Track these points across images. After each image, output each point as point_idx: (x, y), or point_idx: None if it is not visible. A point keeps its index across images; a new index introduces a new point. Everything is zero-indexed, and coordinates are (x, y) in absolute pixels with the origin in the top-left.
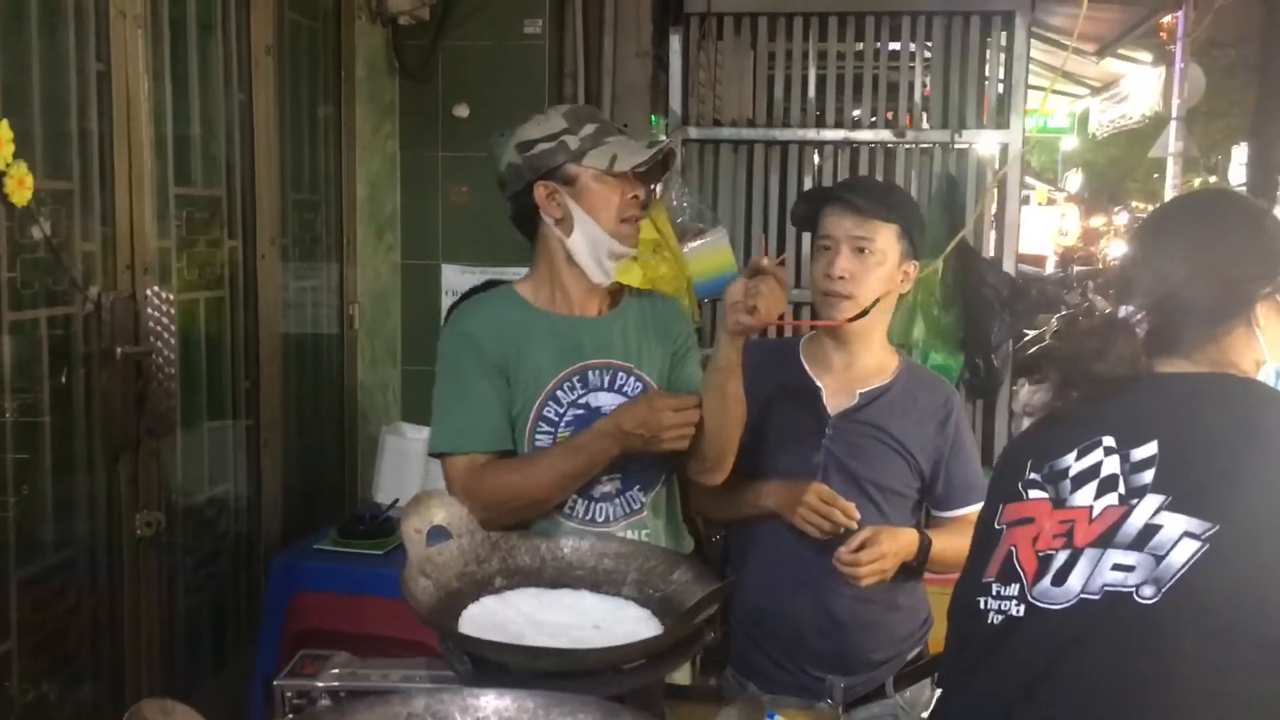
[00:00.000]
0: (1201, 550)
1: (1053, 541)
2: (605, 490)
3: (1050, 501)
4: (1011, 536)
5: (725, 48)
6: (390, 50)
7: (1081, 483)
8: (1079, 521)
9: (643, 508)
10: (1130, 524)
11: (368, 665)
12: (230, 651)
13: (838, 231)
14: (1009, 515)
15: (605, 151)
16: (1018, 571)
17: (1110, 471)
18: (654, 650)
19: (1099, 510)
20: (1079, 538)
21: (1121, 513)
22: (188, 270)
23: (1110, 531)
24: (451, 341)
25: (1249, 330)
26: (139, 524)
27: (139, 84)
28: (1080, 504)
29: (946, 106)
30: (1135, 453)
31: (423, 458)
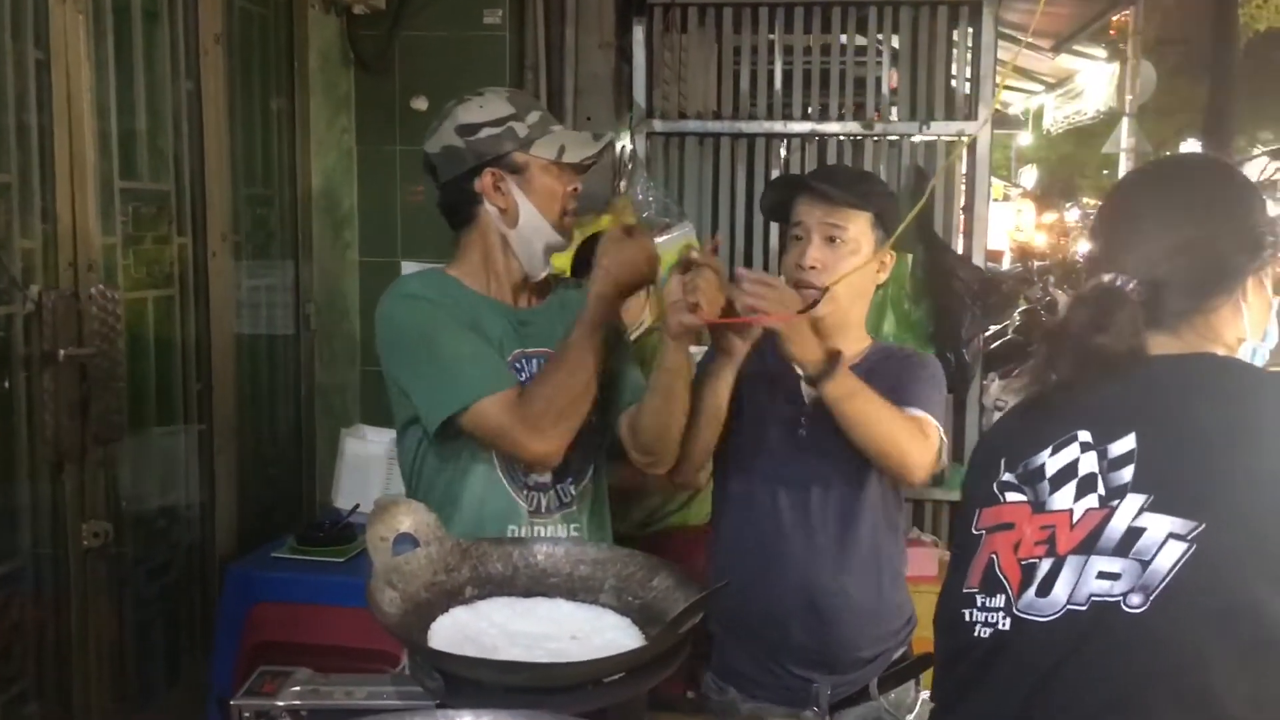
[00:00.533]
0: (1189, 552)
1: (1035, 549)
2: (541, 480)
3: (1029, 505)
4: (991, 543)
5: (689, 39)
6: (345, 41)
7: (1060, 483)
8: (1060, 527)
9: (573, 501)
10: (1112, 528)
11: (331, 682)
12: (184, 666)
13: (809, 220)
14: (987, 520)
15: (553, 141)
16: (1002, 581)
17: (1088, 470)
18: (637, 662)
19: (1080, 514)
20: (1061, 544)
21: (1103, 516)
22: (134, 268)
23: (1093, 536)
24: (410, 309)
25: (1236, 305)
26: (86, 534)
27: (80, 73)
28: (1060, 507)
29: (914, 98)
30: (1113, 448)
31: (385, 461)
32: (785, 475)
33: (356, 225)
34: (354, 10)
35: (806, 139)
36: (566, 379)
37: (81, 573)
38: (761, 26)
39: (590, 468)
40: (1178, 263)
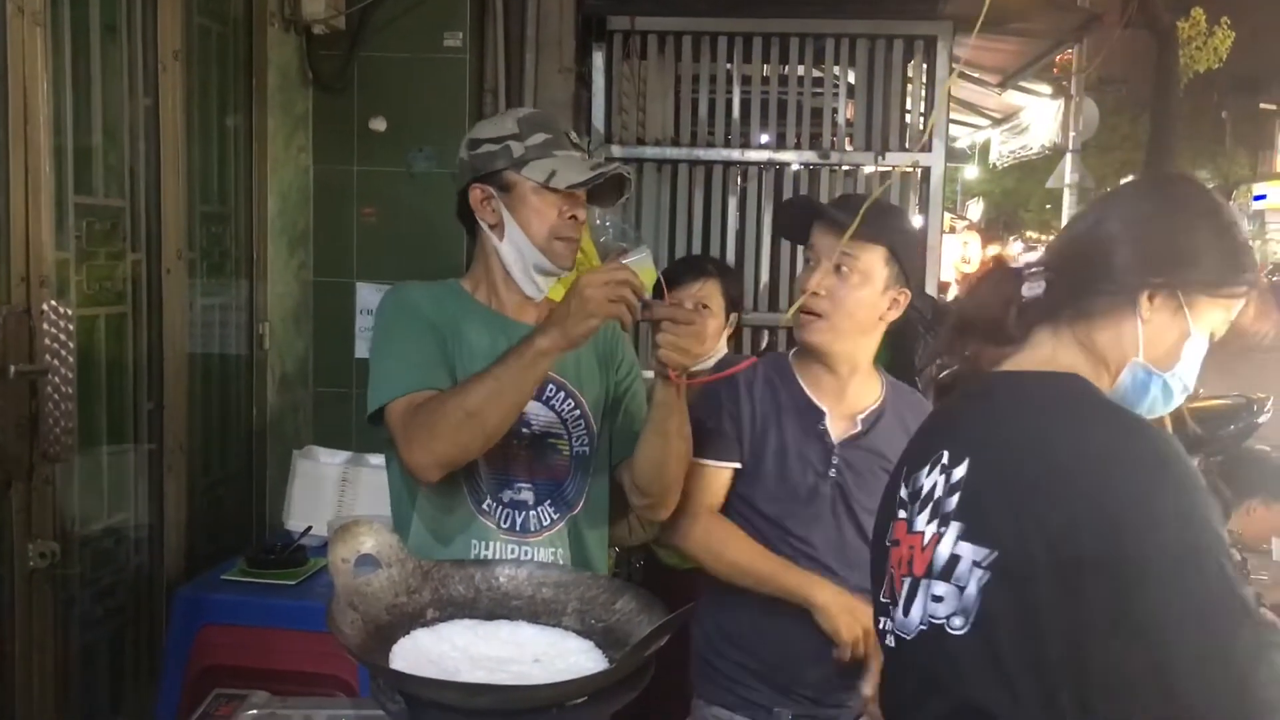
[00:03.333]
0: (985, 579)
1: (905, 568)
2: (519, 499)
3: (906, 524)
4: (891, 557)
5: (649, 66)
6: (304, 60)
7: (923, 505)
8: (917, 549)
9: (553, 524)
10: (939, 553)
11: (289, 705)
12: (130, 690)
13: (820, 245)
14: (891, 533)
15: (546, 165)
16: (894, 595)
17: (938, 494)
18: (602, 685)
19: (928, 537)
20: (917, 566)
21: (935, 540)
22: (87, 284)
23: (931, 561)
24: (391, 307)
25: (1123, 317)
26: (32, 555)
27: (37, 87)
28: (919, 529)
29: (870, 129)
30: (955, 473)
31: (337, 483)
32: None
33: (312, 245)
34: (313, 30)
35: (764, 167)
36: (463, 399)
37: (26, 594)
38: (720, 55)
39: (583, 497)
40: (1070, 252)
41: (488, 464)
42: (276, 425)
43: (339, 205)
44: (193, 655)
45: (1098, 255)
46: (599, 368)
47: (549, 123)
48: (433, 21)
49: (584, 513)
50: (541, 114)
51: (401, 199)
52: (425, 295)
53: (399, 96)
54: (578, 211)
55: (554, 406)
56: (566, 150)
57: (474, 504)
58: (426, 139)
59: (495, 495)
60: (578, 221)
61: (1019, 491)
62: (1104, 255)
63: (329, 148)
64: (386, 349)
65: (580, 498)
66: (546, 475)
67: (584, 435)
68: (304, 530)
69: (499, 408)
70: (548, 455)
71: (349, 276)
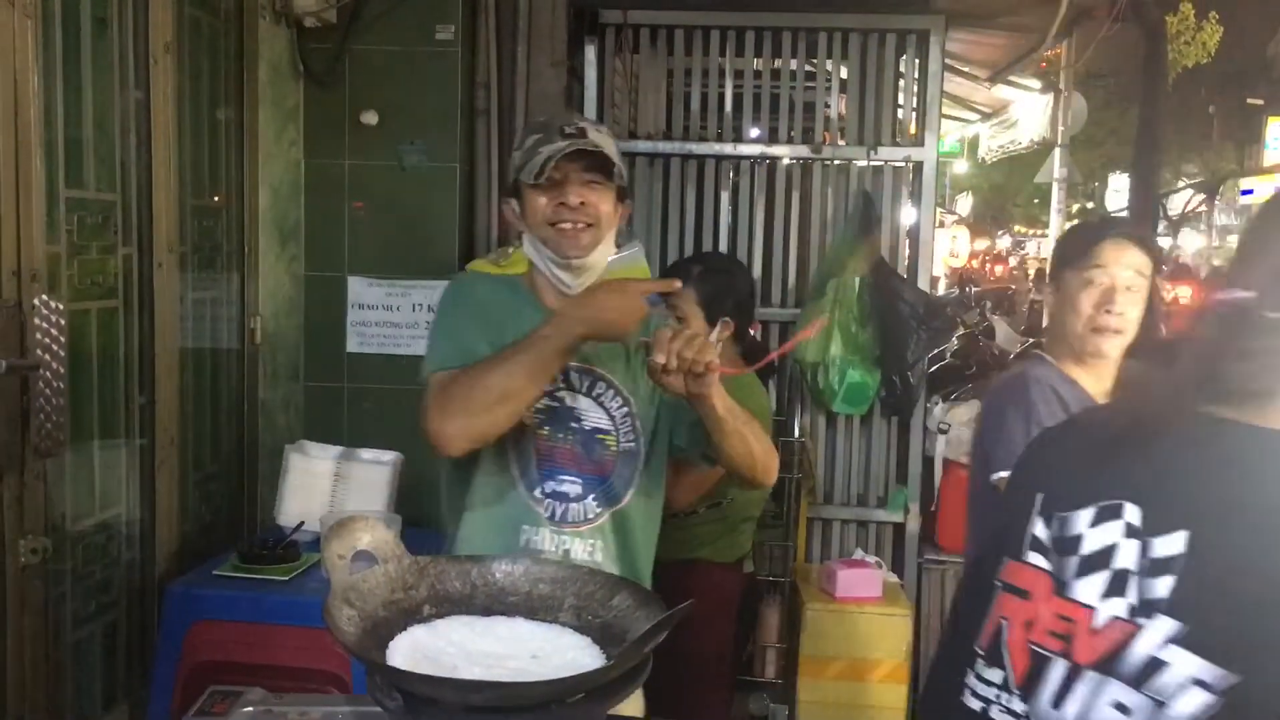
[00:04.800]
0: (1216, 706)
1: (1048, 639)
2: (564, 490)
3: (1051, 579)
4: (1004, 605)
5: (641, 60)
6: (295, 53)
7: (1091, 568)
8: (1080, 625)
9: (597, 518)
10: (1134, 651)
11: (284, 702)
12: (121, 687)
13: (1116, 265)
14: (1007, 574)
15: (535, 163)
16: (1003, 658)
17: (1124, 564)
18: (600, 682)
19: (1104, 618)
20: (1080, 650)
21: (1127, 633)
22: (78, 278)
23: (1114, 655)
24: (452, 292)
25: None
26: (23, 550)
27: (28, 79)
28: (1084, 600)
29: (862, 123)
30: (1158, 544)
31: (330, 478)
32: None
33: (303, 239)
34: (305, 23)
35: (756, 162)
36: (480, 373)
37: (18, 590)
38: (713, 49)
39: (629, 492)
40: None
41: (538, 455)
42: (268, 420)
43: (330, 199)
44: (185, 651)
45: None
46: (642, 366)
47: (548, 122)
48: (424, 14)
49: (629, 507)
50: (548, 115)
51: (393, 192)
52: (485, 284)
53: (390, 90)
54: (568, 198)
55: (604, 404)
56: (555, 142)
57: (526, 491)
58: (418, 132)
59: (542, 485)
60: (568, 207)
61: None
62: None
63: (320, 141)
64: (437, 329)
65: (626, 492)
66: (593, 470)
67: (631, 433)
68: (296, 525)
69: (514, 382)
70: (595, 450)
71: (340, 270)
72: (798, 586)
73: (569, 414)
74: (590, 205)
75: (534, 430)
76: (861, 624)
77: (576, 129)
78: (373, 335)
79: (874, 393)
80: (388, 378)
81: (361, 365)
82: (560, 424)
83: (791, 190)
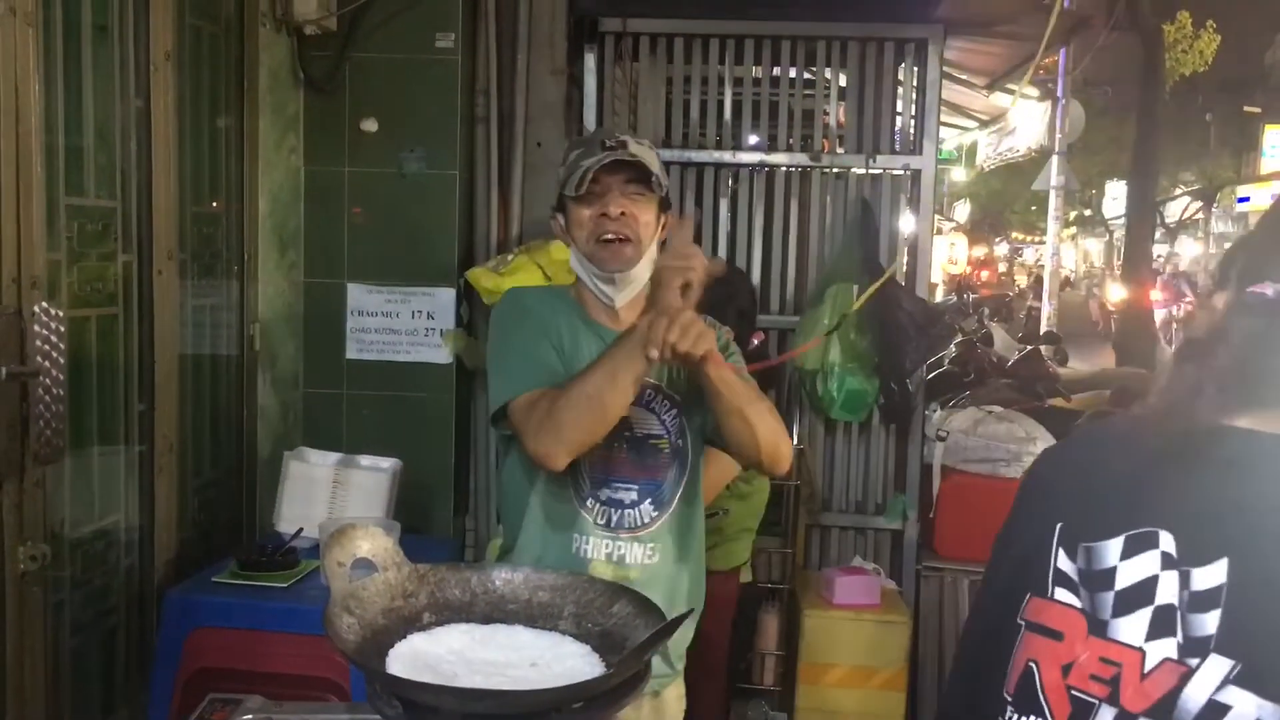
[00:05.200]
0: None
1: (1091, 684)
2: (619, 498)
3: (1085, 618)
4: (1032, 646)
5: (641, 68)
6: (295, 60)
7: (1131, 605)
8: (1128, 670)
9: (653, 522)
10: (1189, 696)
11: (284, 710)
12: (120, 693)
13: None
14: (1031, 612)
15: (575, 177)
16: (1042, 705)
17: (1167, 599)
18: (601, 689)
19: (1154, 661)
20: (1129, 697)
21: (1180, 675)
22: (78, 285)
23: (1168, 701)
24: (507, 310)
25: None
26: (22, 557)
27: (29, 87)
28: (1128, 641)
29: (861, 131)
30: (1198, 575)
31: (329, 485)
32: None
33: (303, 246)
34: (305, 30)
35: (755, 169)
36: (574, 389)
37: (17, 597)
38: (712, 57)
39: (679, 491)
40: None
41: (589, 463)
42: (267, 426)
43: (330, 206)
44: (184, 658)
45: None
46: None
47: (590, 137)
48: (424, 22)
49: (682, 507)
50: (595, 131)
51: (393, 200)
52: (538, 299)
53: (390, 97)
54: (609, 208)
55: (654, 409)
56: (596, 155)
57: (578, 501)
58: (418, 140)
59: (595, 493)
60: (609, 217)
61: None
62: None
63: (320, 148)
64: (505, 350)
65: (677, 491)
66: (648, 475)
67: (681, 434)
68: (295, 532)
69: (617, 388)
70: (648, 456)
71: (340, 277)
72: (796, 593)
73: (621, 424)
74: (631, 216)
75: None
76: (860, 631)
77: (617, 141)
78: (372, 342)
79: (872, 400)
80: (387, 385)
81: (360, 372)
82: (613, 435)
83: (790, 198)
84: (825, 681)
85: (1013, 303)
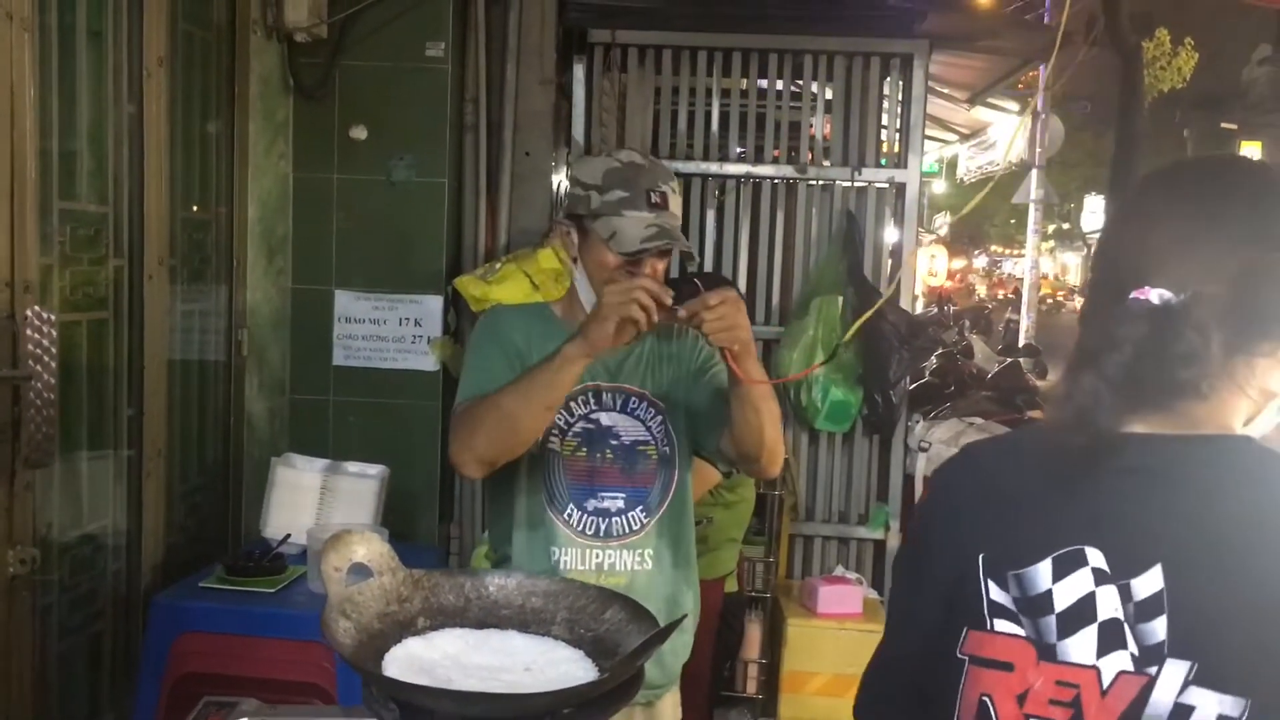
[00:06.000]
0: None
1: (1051, 709)
2: (605, 506)
3: (1032, 646)
4: (980, 680)
5: (629, 79)
6: (285, 67)
7: (1074, 625)
8: (1086, 689)
9: (642, 529)
10: (1157, 703)
11: (279, 713)
12: (107, 697)
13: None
14: (971, 646)
15: (612, 224)
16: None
17: (1110, 614)
18: (596, 694)
19: (1110, 676)
20: (1093, 715)
21: (1141, 684)
22: (70, 290)
23: (1133, 713)
24: (480, 330)
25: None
26: (12, 561)
27: (24, 91)
28: (1080, 661)
29: (846, 144)
30: (1136, 585)
31: (316, 491)
32: None
33: (291, 252)
34: (296, 38)
35: (742, 181)
36: (497, 400)
37: (6, 600)
38: (700, 69)
39: (669, 495)
40: (1243, 285)
41: (572, 476)
42: (254, 432)
43: (318, 213)
44: (170, 662)
45: (1263, 283)
46: (668, 364)
47: (633, 178)
48: (414, 31)
49: (670, 510)
50: (631, 166)
51: (381, 207)
52: (513, 317)
53: (380, 105)
54: (642, 269)
55: (639, 417)
56: (639, 210)
57: (553, 512)
58: (406, 147)
59: (579, 504)
60: (636, 277)
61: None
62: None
63: (309, 155)
64: (468, 364)
65: (666, 497)
66: (636, 483)
67: (666, 438)
68: (283, 538)
69: (529, 410)
70: (638, 463)
71: (328, 284)
72: (779, 602)
73: (606, 433)
74: (655, 274)
75: (569, 454)
76: (842, 640)
77: (660, 196)
78: (359, 349)
79: (856, 411)
80: (374, 391)
81: (348, 379)
82: (599, 444)
83: (776, 209)
84: (808, 690)
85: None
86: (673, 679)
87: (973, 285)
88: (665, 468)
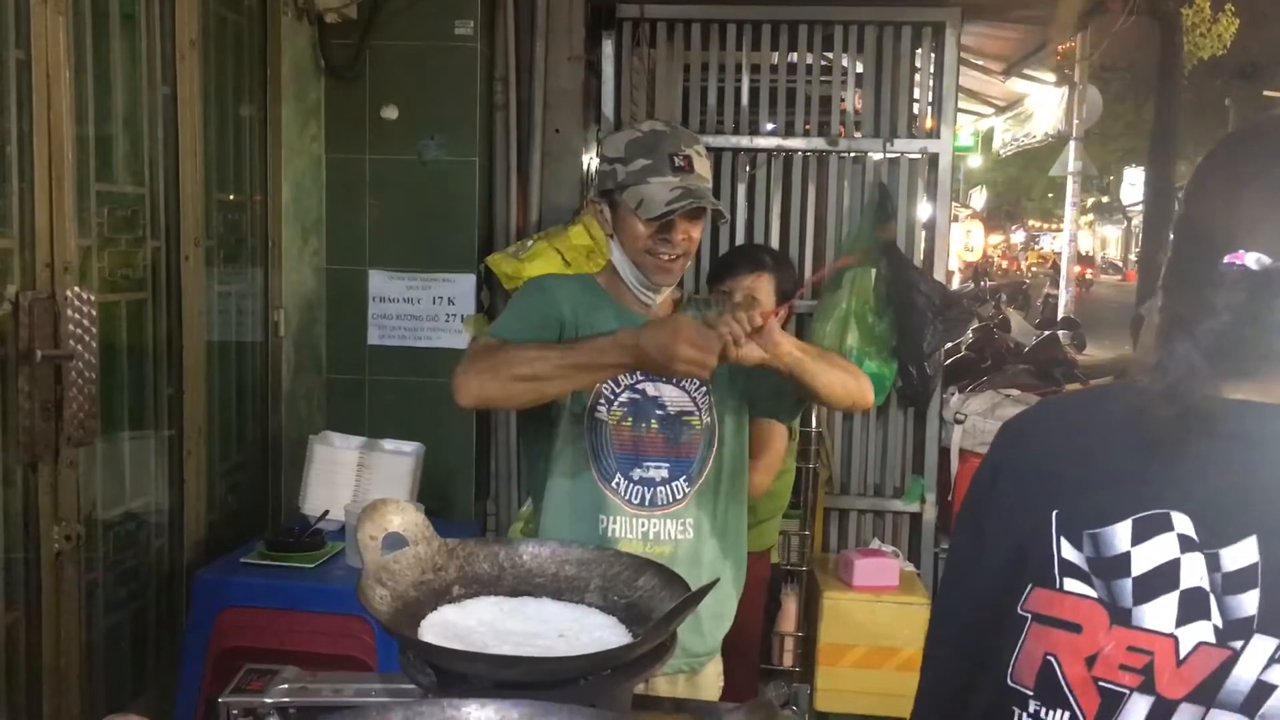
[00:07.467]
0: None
1: (1121, 674)
2: (650, 476)
3: (1104, 609)
4: (1044, 638)
5: (658, 54)
6: (316, 48)
7: (1153, 591)
8: (1160, 658)
9: (685, 498)
10: (1238, 678)
11: (319, 680)
12: (151, 672)
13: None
14: (1036, 604)
15: (638, 193)
16: (1068, 698)
17: (1194, 583)
18: (629, 657)
19: (1189, 646)
20: (1165, 684)
21: (1222, 658)
22: (108, 271)
23: (1210, 685)
24: (530, 286)
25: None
26: (57, 537)
27: (60, 75)
28: (1156, 628)
29: (878, 116)
30: (1226, 555)
31: (353, 468)
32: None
33: (325, 233)
34: (326, 19)
35: (773, 154)
36: (529, 356)
37: (52, 576)
38: (729, 43)
39: (710, 465)
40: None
41: (619, 445)
42: (292, 411)
43: (351, 193)
44: (213, 636)
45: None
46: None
47: (654, 144)
48: (443, 10)
49: (714, 480)
50: (652, 134)
51: (413, 187)
52: (563, 287)
53: (410, 85)
54: (672, 235)
55: (684, 387)
56: (663, 175)
57: (602, 482)
58: (437, 127)
59: (626, 474)
60: (670, 242)
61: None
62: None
63: (341, 136)
64: (509, 307)
65: (705, 467)
66: (680, 453)
67: (710, 409)
68: (321, 514)
69: (556, 377)
70: (682, 433)
71: (361, 264)
72: (815, 575)
73: (652, 403)
74: (689, 239)
75: (615, 423)
76: (878, 613)
77: (684, 159)
78: (393, 328)
79: (890, 383)
80: (408, 370)
81: (382, 358)
82: (644, 414)
83: (808, 182)
84: (844, 662)
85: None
86: (714, 648)
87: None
88: (707, 437)
